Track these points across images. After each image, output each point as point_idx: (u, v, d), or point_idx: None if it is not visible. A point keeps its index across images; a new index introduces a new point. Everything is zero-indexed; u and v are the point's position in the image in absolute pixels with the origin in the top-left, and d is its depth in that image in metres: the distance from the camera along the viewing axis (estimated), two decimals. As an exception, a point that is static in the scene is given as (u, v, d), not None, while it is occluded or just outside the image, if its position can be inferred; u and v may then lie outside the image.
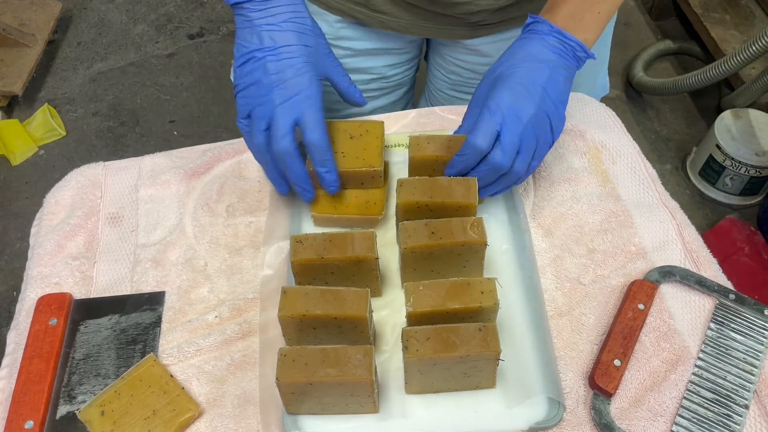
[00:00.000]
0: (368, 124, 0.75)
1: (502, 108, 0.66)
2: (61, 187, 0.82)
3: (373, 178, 0.73)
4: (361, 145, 0.73)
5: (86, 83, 2.16)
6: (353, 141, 0.73)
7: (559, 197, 0.78)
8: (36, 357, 0.66)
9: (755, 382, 0.64)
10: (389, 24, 0.84)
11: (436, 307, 0.60)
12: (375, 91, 0.95)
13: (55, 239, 0.76)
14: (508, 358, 0.62)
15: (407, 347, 0.58)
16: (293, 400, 0.59)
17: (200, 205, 0.79)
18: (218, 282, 0.73)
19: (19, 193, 1.92)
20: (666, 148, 1.95)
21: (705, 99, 2.03)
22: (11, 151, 1.97)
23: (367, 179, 0.73)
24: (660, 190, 0.79)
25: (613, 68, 2.13)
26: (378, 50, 0.89)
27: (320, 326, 0.61)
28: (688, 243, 0.74)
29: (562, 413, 0.61)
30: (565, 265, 0.72)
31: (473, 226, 0.65)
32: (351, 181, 0.73)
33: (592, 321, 0.68)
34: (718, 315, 0.68)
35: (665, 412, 0.63)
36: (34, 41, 2.11)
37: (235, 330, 0.68)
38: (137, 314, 0.70)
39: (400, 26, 0.84)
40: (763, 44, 1.61)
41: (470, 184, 0.68)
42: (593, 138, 0.83)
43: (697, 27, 2.04)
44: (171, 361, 0.67)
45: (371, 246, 0.64)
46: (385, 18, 0.83)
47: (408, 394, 0.63)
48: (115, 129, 2.05)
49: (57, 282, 0.73)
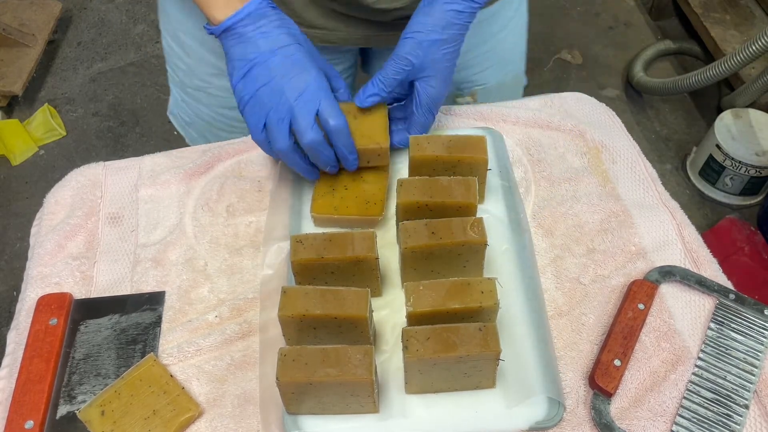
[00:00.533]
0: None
1: (435, 106, 0.75)
2: (61, 187, 0.82)
3: (379, 156, 0.74)
4: (366, 124, 0.74)
5: (86, 83, 2.16)
6: (357, 120, 0.74)
7: (559, 197, 0.78)
8: (36, 357, 0.66)
9: (755, 382, 0.64)
10: (328, 38, 0.84)
11: (436, 307, 0.60)
12: None
13: (55, 239, 0.76)
14: (508, 358, 0.62)
15: (407, 347, 0.58)
16: (293, 399, 0.59)
17: (200, 205, 0.79)
18: (218, 282, 0.73)
19: (19, 193, 1.93)
20: (666, 148, 1.95)
21: (705, 99, 2.03)
22: (11, 151, 1.97)
23: (374, 157, 0.74)
24: (660, 190, 0.79)
25: (613, 68, 2.14)
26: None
27: (320, 326, 0.61)
28: (688, 243, 0.74)
29: (562, 413, 0.61)
30: (565, 265, 0.72)
31: (473, 226, 0.65)
32: (359, 159, 0.74)
33: (592, 321, 0.68)
34: (718, 315, 0.68)
35: (665, 412, 0.63)
36: (34, 41, 2.11)
37: (235, 330, 0.68)
38: (137, 314, 0.70)
39: (339, 38, 0.85)
40: (763, 44, 1.61)
41: (470, 184, 0.68)
42: (593, 138, 0.83)
43: (697, 27, 2.04)
44: (171, 361, 0.67)
45: (371, 246, 0.64)
46: (323, 33, 0.83)
47: (408, 394, 0.63)
48: (115, 129, 2.05)
49: (57, 282, 0.73)
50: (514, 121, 0.85)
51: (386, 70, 0.72)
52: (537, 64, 2.12)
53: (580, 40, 2.21)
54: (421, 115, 0.74)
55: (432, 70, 0.72)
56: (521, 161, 0.81)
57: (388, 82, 0.72)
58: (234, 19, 0.69)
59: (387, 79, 0.72)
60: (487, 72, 0.95)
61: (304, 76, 0.69)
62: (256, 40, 0.69)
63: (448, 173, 0.72)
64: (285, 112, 0.68)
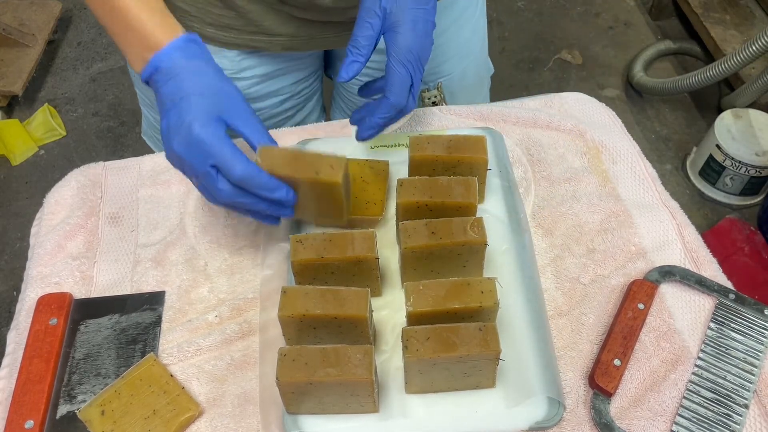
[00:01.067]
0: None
1: (411, 59, 0.66)
2: (61, 187, 0.82)
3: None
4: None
5: (86, 83, 2.16)
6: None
7: (559, 197, 0.78)
8: (36, 357, 0.66)
9: (755, 382, 0.64)
10: (290, 45, 0.83)
11: (436, 306, 0.60)
12: (290, 109, 0.94)
13: (55, 239, 0.76)
14: (508, 357, 0.62)
15: (407, 347, 0.58)
16: (293, 399, 0.60)
17: (200, 205, 0.79)
18: (218, 282, 0.73)
19: (19, 193, 1.93)
20: (666, 148, 1.95)
21: (705, 99, 2.03)
22: (11, 151, 1.97)
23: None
24: (660, 190, 0.79)
25: (613, 68, 2.14)
26: (282, 69, 0.88)
27: (320, 326, 0.61)
28: (688, 243, 0.74)
29: (562, 413, 0.61)
30: (565, 265, 0.72)
31: (473, 226, 0.65)
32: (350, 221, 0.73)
33: (592, 321, 0.68)
34: (718, 315, 0.68)
35: (665, 411, 0.63)
36: (34, 41, 2.11)
37: (235, 330, 0.68)
38: (137, 314, 0.70)
39: (301, 44, 0.84)
40: (763, 44, 1.61)
41: (470, 184, 0.68)
42: (593, 138, 0.83)
43: (697, 27, 2.04)
44: (171, 361, 0.67)
45: (371, 246, 0.64)
46: (284, 40, 0.82)
47: (408, 394, 0.63)
48: (115, 129, 2.05)
49: (57, 282, 0.73)
50: (514, 121, 0.85)
51: (355, 32, 0.67)
52: (537, 64, 2.12)
53: (580, 40, 2.21)
54: (394, 73, 0.66)
55: (399, 16, 0.66)
56: (521, 161, 0.81)
57: (360, 43, 0.67)
58: (145, 75, 0.65)
59: (356, 40, 0.67)
60: (448, 63, 0.94)
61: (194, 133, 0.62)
62: (163, 95, 0.64)
63: (448, 173, 0.72)
64: (204, 162, 0.62)
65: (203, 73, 0.65)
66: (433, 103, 0.95)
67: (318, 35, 0.83)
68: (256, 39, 0.81)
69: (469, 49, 0.97)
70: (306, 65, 0.92)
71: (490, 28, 1.01)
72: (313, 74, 0.95)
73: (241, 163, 0.61)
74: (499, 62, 2.10)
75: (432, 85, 0.95)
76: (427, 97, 0.94)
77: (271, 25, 0.80)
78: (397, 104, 0.67)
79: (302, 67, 0.91)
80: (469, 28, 0.95)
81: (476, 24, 0.97)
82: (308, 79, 0.94)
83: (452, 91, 0.96)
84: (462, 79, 0.97)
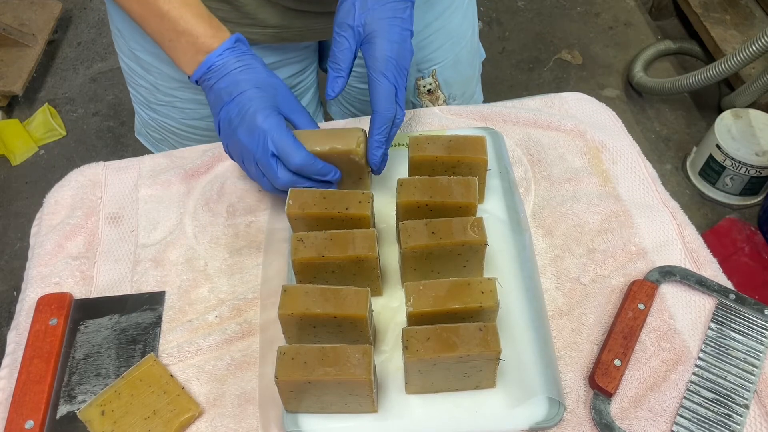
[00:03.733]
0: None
1: (390, 68, 0.68)
2: (61, 187, 0.82)
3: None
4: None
5: (86, 83, 2.16)
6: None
7: (559, 197, 0.78)
8: (36, 357, 0.66)
9: (755, 382, 0.64)
10: (285, 36, 0.84)
11: (437, 307, 0.60)
12: None
13: (55, 239, 0.76)
14: (509, 358, 0.62)
15: (407, 347, 0.58)
16: (292, 398, 0.60)
17: (200, 205, 0.79)
18: (218, 282, 0.73)
19: (19, 193, 1.93)
20: (666, 148, 1.95)
21: (705, 99, 2.03)
22: (11, 151, 1.97)
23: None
24: (660, 190, 0.79)
25: (613, 68, 2.14)
26: (279, 62, 0.89)
27: (320, 325, 0.61)
28: (688, 243, 0.74)
29: (562, 413, 0.61)
30: (565, 265, 0.72)
31: (473, 226, 0.65)
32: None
33: (592, 321, 0.68)
34: (718, 315, 0.68)
35: (665, 411, 0.63)
36: (34, 41, 2.11)
37: (235, 330, 0.68)
38: (137, 314, 0.70)
39: (296, 35, 0.84)
40: (763, 44, 1.61)
41: (470, 184, 0.68)
42: (593, 138, 0.83)
43: (697, 27, 2.04)
44: (171, 361, 0.67)
45: (372, 245, 0.64)
46: (278, 31, 0.83)
47: (408, 394, 0.63)
48: (115, 129, 2.05)
49: (57, 282, 0.73)
50: (514, 121, 0.85)
51: (332, 49, 0.70)
52: (537, 64, 2.12)
53: (580, 40, 2.21)
54: (376, 84, 0.68)
55: (375, 27, 0.68)
56: (521, 161, 0.81)
57: (338, 58, 0.69)
58: (197, 75, 0.71)
59: (335, 56, 0.69)
60: (441, 50, 0.95)
61: (257, 123, 0.67)
62: (219, 90, 0.69)
63: (448, 173, 0.72)
64: (265, 151, 0.68)
65: (254, 68, 0.70)
66: (429, 90, 0.95)
67: (313, 26, 0.84)
68: (250, 31, 0.82)
69: (460, 34, 0.98)
70: (301, 58, 0.92)
71: (490, 28, 1.02)
72: (308, 68, 0.95)
73: (300, 152, 0.67)
74: (499, 62, 2.10)
75: (426, 72, 0.95)
76: (423, 85, 0.95)
77: (266, 17, 0.81)
78: (387, 114, 0.69)
79: (297, 60, 0.91)
80: (460, 14, 0.96)
81: (467, 9, 0.98)
82: (303, 72, 0.94)
83: (446, 77, 0.97)
84: (455, 64, 0.98)
